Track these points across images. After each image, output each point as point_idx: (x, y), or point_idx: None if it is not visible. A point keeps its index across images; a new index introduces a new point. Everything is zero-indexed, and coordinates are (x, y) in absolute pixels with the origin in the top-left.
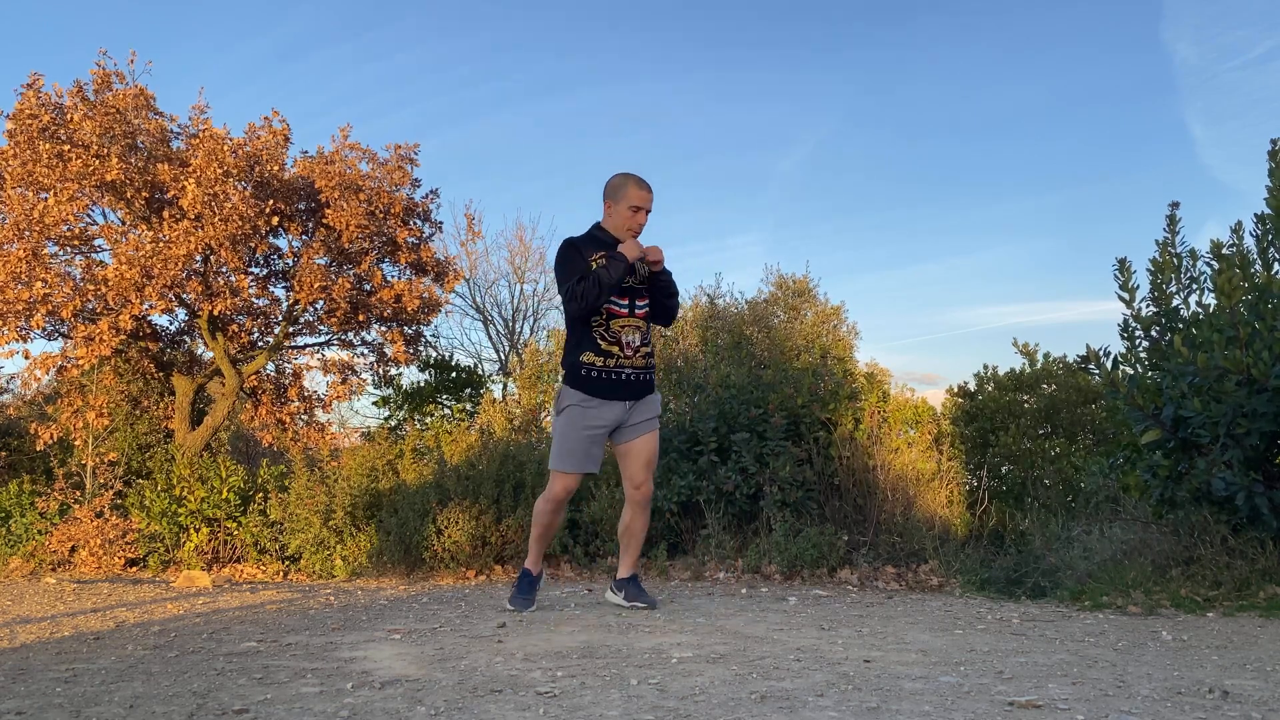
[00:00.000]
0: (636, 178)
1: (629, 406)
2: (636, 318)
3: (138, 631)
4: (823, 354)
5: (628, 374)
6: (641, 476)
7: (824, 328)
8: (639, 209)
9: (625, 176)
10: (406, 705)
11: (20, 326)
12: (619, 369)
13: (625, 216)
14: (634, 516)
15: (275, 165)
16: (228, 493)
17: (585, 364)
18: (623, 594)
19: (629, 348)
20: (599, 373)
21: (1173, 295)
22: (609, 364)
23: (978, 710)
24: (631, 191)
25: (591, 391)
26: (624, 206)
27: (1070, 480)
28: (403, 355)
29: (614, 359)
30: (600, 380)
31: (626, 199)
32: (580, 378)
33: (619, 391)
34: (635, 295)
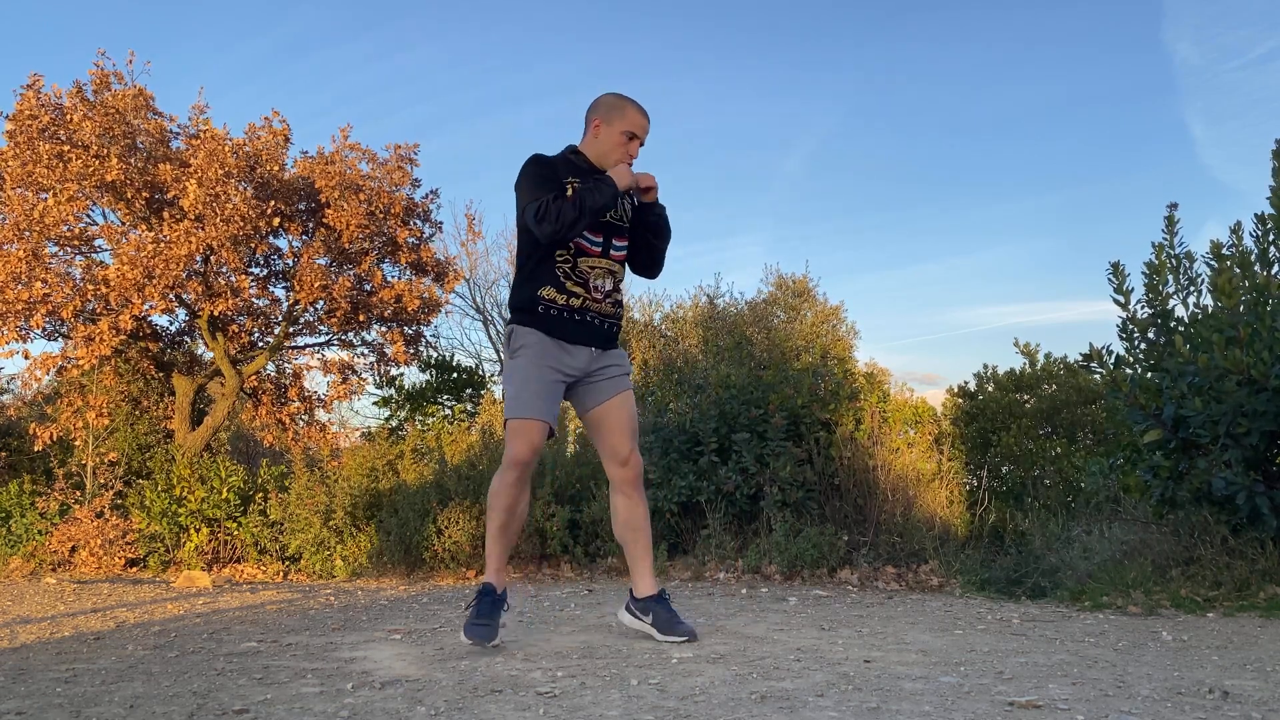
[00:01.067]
0: (636, 101)
1: (594, 354)
2: (611, 259)
3: (138, 632)
4: (823, 354)
5: (593, 318)
6: (627, 447)
7: (824, 328)
8: (635, 137)
9: (622, 97)
10: (407, 705)
11: (20, 327)
12: (585, 310)
13: (617, 142)
14: (630, 505)
15: (275, 165)
16: (228, 493)
17: (545, 299)
18: (650, 618)
19: (597, 291)
20: (561, 311)
21: (1168, 297)
22: (572, 303)
23: (978, 710)
24: (630, 114)
25: (552, 331)
26: (618, 130)
27: (1070, 480)
28: (403, 355)
29: (579, 299)
30: (563, 319)
31: (624, 121)
32: (538, 315)
33: (584, 335)
34: (613, 233)
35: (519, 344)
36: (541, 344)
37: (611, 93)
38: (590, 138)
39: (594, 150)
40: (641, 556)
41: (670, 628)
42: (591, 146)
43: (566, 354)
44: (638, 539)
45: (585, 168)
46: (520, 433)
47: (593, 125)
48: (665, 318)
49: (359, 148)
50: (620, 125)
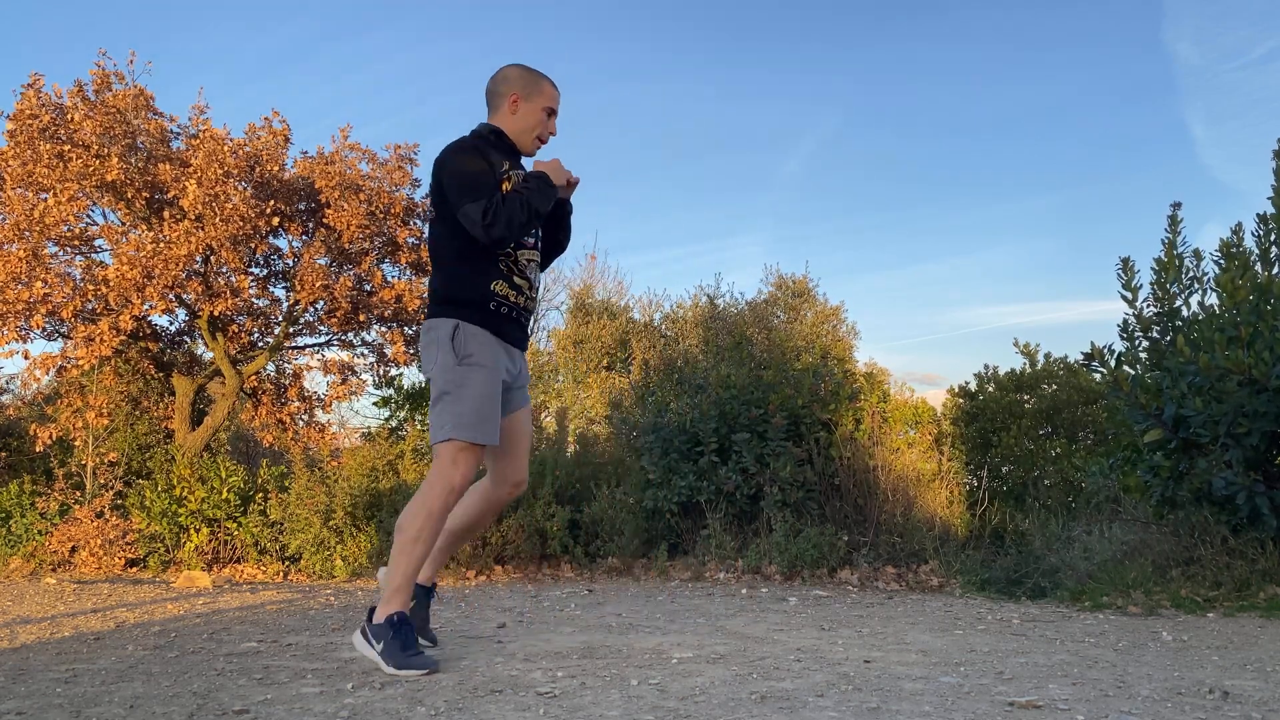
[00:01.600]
0: (545, 73)
1: (518, 357)
2: (536, 250)
3: (138, 632)
4: (823, 354)
5: (525, 317)
6: (524, 471)
7: (824, 328)
8: (554, 113)
9: (533, 70)
10: (406, 705)
11: (20, 327)
12: (525, 308)
13: (538, 120)
14: (487, 512)
15: (275, 165)
16: (228, 493)
17: (498, 295)
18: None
19: (532, 287)
20: (509, 309)
21: (1175, 295)
22: (519, 301)
23: (978, 710)
24: (547, 89)
25: (500, 332)
26: (538, 106)
27: (1071, 480)
28: (403, 355)
29: (522, 296)
30: (510, 319)
31: (542, 96)
32: (490, 312)
33: (519, 336)
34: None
35: (471, 349)
36: (494, 350)
37: (519, 65)
38: (507, 113)
39: (514, 127)
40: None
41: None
42: (510, 123)
43: (508, 359)
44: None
45: (511, 147)
46: (467, 458)
47: (509, 100)
48: (665, 318)
49: (359, 148)
50: (540, 101)
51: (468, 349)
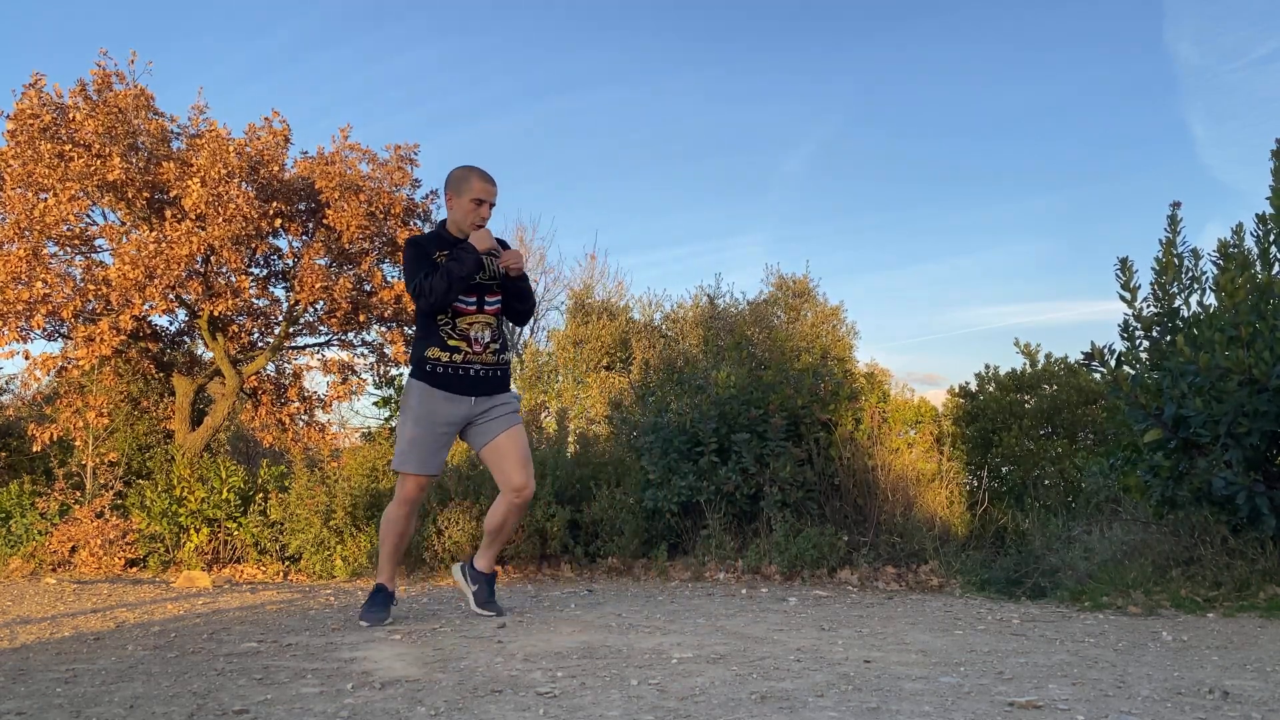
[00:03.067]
0: (479, 170)
1: (474, 402)
2: (487, 314)
3: (138, 632)
4: (823, 354)
5: (476, 369)
6: (521, 478)
7: (824, 328)
8: (482, 201)
9: (467, 169)
10: (407, 706)
11: (20, 327)
12: (466, 365)
13: (468, 210)
14: (508, 517)
15: (275, 166)
16: (228, 493)
17: (430, 359)
18: (476, 590)
19: (477, 344)
20: (445, 368)
21: (1174, 295)
22: (455, 359)
23: (978, 710)
24: (475, 184)
25: (438, 384)
26: (466, 200)
27: (1071, 480)
28: (403, 355)
29: (461, 354)
30: (447, 375)
31: (469, 191)
32: (425, 373)
33: (464, 386)
34: (485, 291)
35: (408, 399)
36: (427, 399)
37: (458, 167)
38: (449, 211)
39: (453, 219)
40: (492, 545)
41: (485, 602)
42: (451, 217)
43: (450, 404)
44: (500, 537)
45: (450, 239)
46: (407, 480)
47: (448, 200)
48: (665, 318)
49: (359, 148)
50: (467, 195)
51: (405, 400)
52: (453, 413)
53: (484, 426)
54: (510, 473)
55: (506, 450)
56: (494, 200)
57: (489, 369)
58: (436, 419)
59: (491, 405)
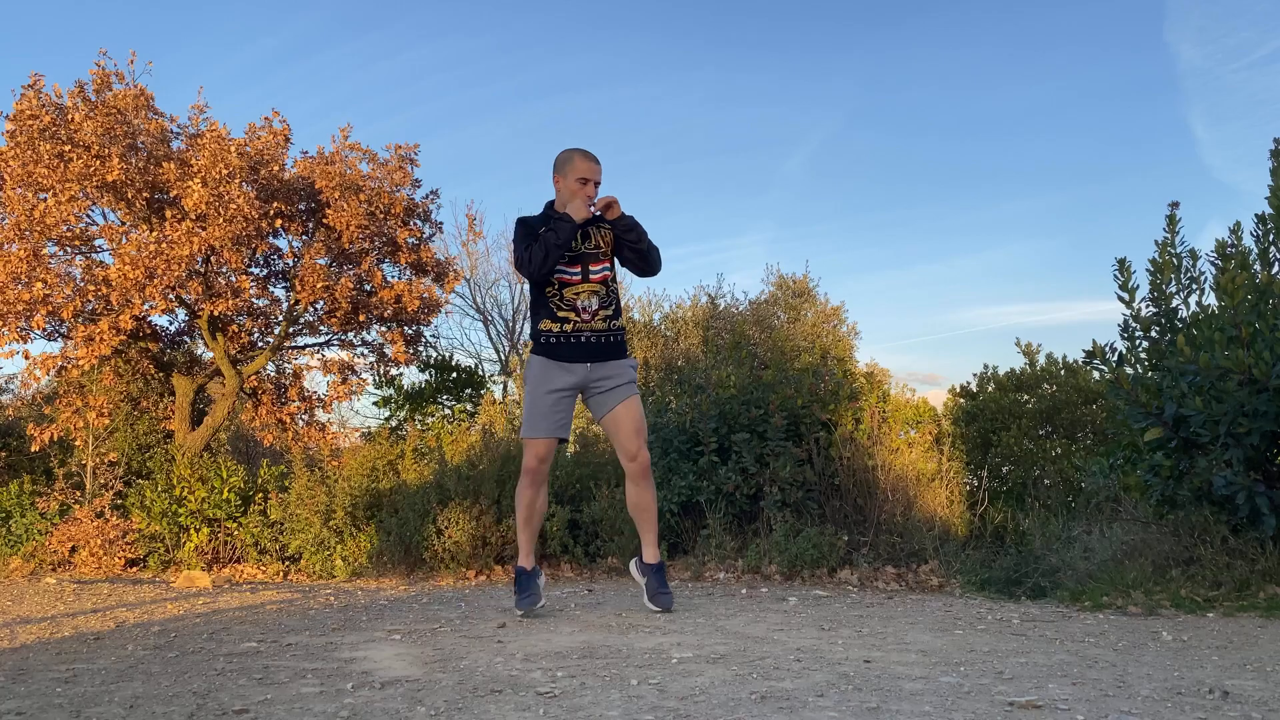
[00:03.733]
0: (582, 150)
1: (590, 368)
2: (592, 282)
3: (138, 632)
4: (823, 354)
5: (586, 336)
6: (634, 445)
7: (824, 328)
8: (586, 180)
9: (571, 150)
10: (407, 705)
11: (20, 327)
12: (577, 333)
13: (574, 189)
14: (639, 491)
15: (275, 165)
16: (228, 493)
17: (543, 331)
18: (646, 582)
19: (585, 312)
20: (556, 338)
21: (1172, 295)
22: (565, 329)
23: (978, 710)
24: (578, 163)
25: (551, 355)
26: (571, 180)
27: (1071, 480)
28: (403, 355)
29: (571, 324)
30: (559, 344)
31: (573, 171)
32: (540, 344)
33: (578, 354)
34: (589, 260)
35: (527, 371)
36: (543, 369)
37: (563, 149)
38: (556, 192)
39: (559, 202)
40: (648, 529)
41: (656, 593)
42: (558, 199)
43: (566, 372)
44: (645, 517)
45: (557, 216)
46: (528, 448)
47: (555, 182)
48: (665, 318)
49: (359, 148)
50: (572, 175)
51: (527, 372)
52: (567, 379)
53: (601, 397)
54: (625, 442)
55: (623, 419)
56: (599, 179)
57: (600, 335)
58: (551, 385)
59: (608, 374)
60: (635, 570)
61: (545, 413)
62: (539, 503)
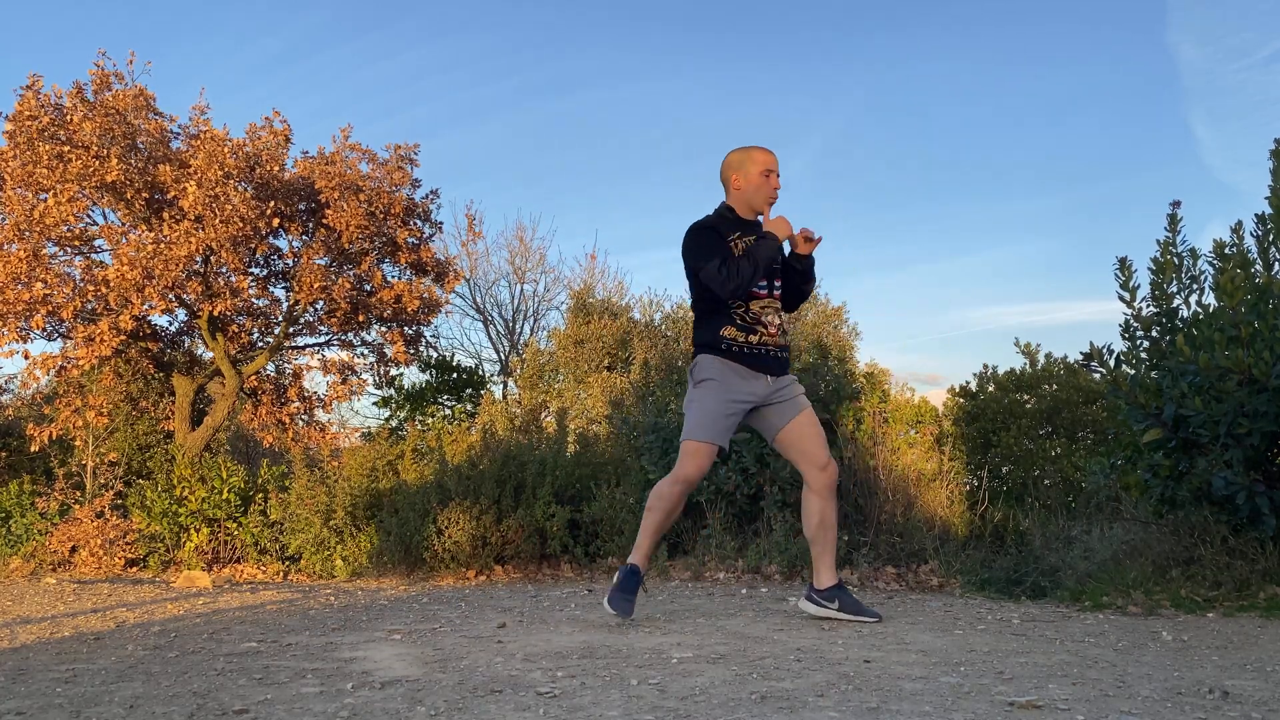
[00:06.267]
0: (756, 145)
1: (770, 382)
2: (775, 298)
3: (138, 632)
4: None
5: (770, 350)
6: (825, 455)
7: (825, 328)
8: (770, 171)
9: (743, 148)
10: (407, 705)
11: (20, 327)
12: (763, 345)
13: (760, 183)
14: (825, 506)
15: (275, 165)
16: (228, 493)
17: (728, 338)
18: (836, 605)
19: (771, 327)
20: (743, 347)
21: (1173, 295)
22: (752, 340)
23: (978, 710)
24: (757, 156)
25: (738, 360)
26: (755, 173)
27: (1071, 480)
28: (403, 355)
29: (757, 335)
30: (743, 354)
31: (755, 164)
32: (722, 350)
33: (761, 365)
34: (773, 275)
35: (703, 375)
36: (724, 375)
37: (734, 149)
38: (734, 192)
39: (741, 200)
40: (825, 553)
41: (853, 609)
42: (738, 198)
43: (746, 383)
44: (828, 535)
45: (738, 219)
46: (694, 454)
47: (732, 182)
48: (665, 318)
49: (359, 148)
50: (755, 169)
51: (700, 375)
52: (750, 389)
53: (780, 409)
54: (815, 451)
55: (807, 431)
56: (778, 169)
57: (780, 350)
58: (733, 392)
59: (783, 387)
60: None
61: (724, 419)
62: (678, 512)
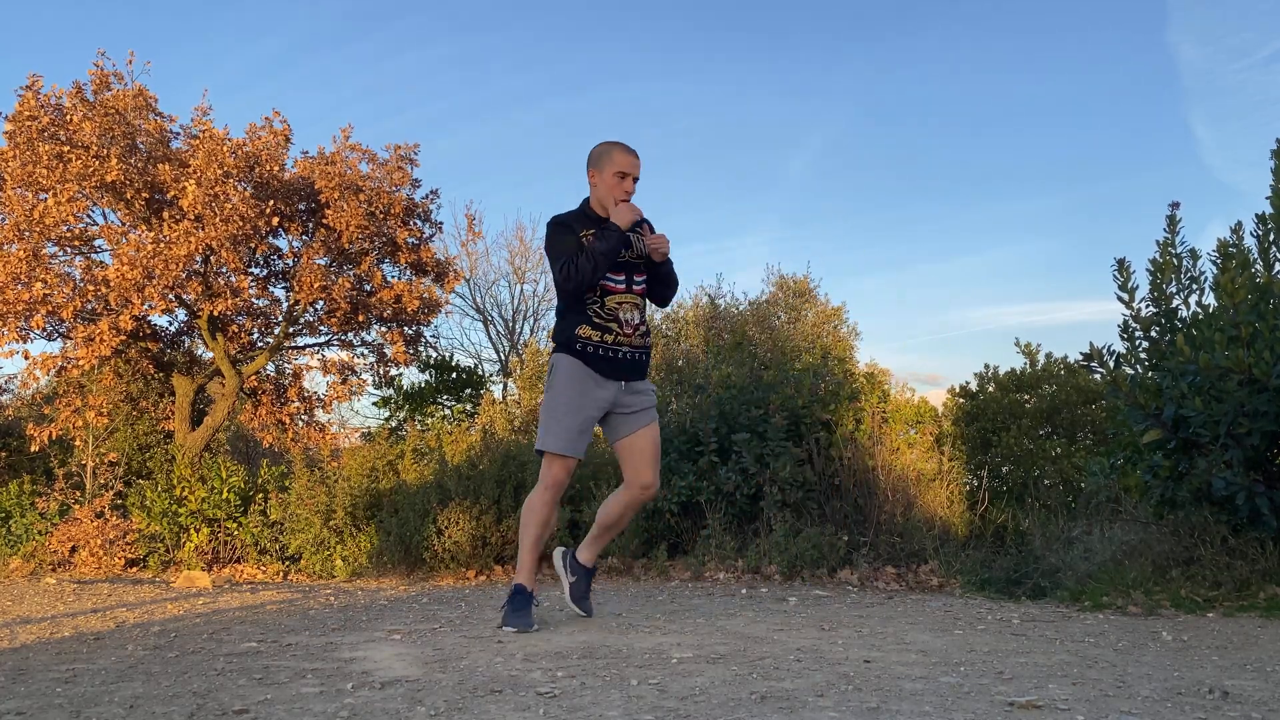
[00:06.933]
0: (620, 143)
1: (623, 387)
2: (634, 294)
3: (138, 632)
4: (823, 354)
5: (625, 353)
6: (651, 475)
7: (825, 328)
8: (625, 175)
9: (608, 143)
10: (406, 705)
11: (20, 327)
12: (616, 346)
13: (612, 185)
14: (626, 511)
15: (275, 165)
16: (228, 493)
17: (581, 338)
18: (574, 580)
19: (627, 325)
20: (596, 347)
21: (1172, 295)
22: (605, 339)
23: (978, 710)
24: (616, 156)
25: (589, 364)
26: (609, 174)
27: (1071, 480)
28: (403, 356)
29: (611, 334)
30: (598, 356)
31: (612, 164)
32: (576, 350)
33: (616, 370)
34: (633, 270)
35: (556, 376)
36: (579, 377)
37: (600, 143)
38: (591, 186)
39: (596, 196)
40: (601, 539)
41: (580, 597)
42: (595, 194)
43: (599, 387)
44: (609, 533)
45: (595, 216)
46: (556, 463)
47: (590, 177)
48: (665, 317)
49: (359, 148)
50: (610, 169)
51: (555, 378)
52: (601, 396)
53: (626, 418)
54: (643, 469)
55: (643, 447)
56: (637, 174)
57: (636, 351)
58: (586, 399)
59: (635, 395)
60: (562, 563)
61: (580, 427)
62: (553, 521)
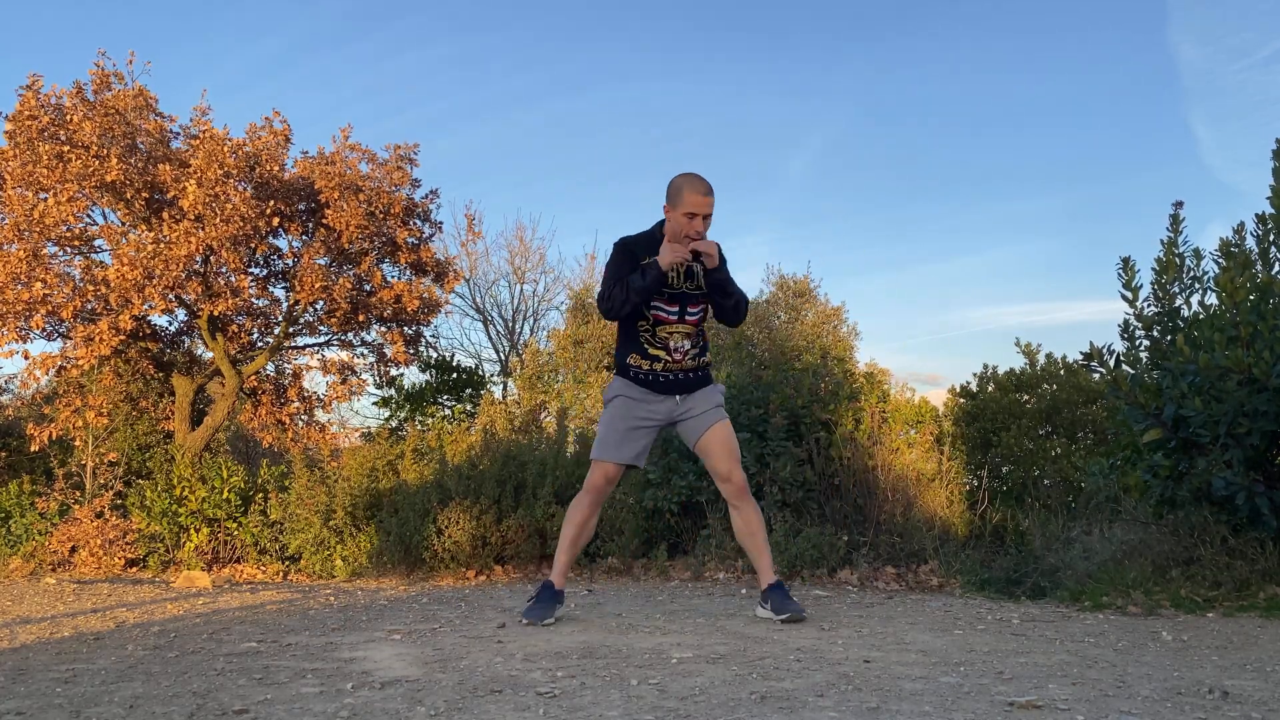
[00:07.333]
0: (695, 179)
1: (679, 400)
2: (687, 324)
3: (138, 632)
4: (823, 354)
5: (676, 375)
6: (727, 467)
7: (824, 328)
8: (694, 215)
9: (685, 178)
10: (406, 705)
11: (20, 327)
12: (667, 372)
13: (681, 223)
14: (738, 514)
15: (275, 165)
16: (228, 493)
17: (632, 365)
18: (769, 605)
19: (677, 352)
20: (645, 375)
21: (1175, 295)
22: (655, 367)
23: (978, 710)
24: (687, 196)
25: (638, 383)
26: (680, 213)
27: (1071, 480)
28: (403, 356)
29: (660, 363)
30: (647, 380)
31: (683, 204)
32: (630, 376)
33: (667, 388)
34: (687, 301)
35: (609, 395)
36: (626, 391)
37: (679, 175)
38: (667, 220)
39: (668, 229)
40: (759, 553)
41: (782, 608)
42: (668, 226)
43: (650, 405)
44: (753, 540)
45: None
46: (595, 468)
47: (666, 209)
48: None
49: (359, 148)
50: (681, 208)
51: (609, 395)
52: (653, 409)
53: (690, 424)
54: (717, 464)
55: (712, 445)
56: (708, 212)
57: (689, 372)
58: (632, 411)
59: (695, 403)
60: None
61: (622, 438)
62: (592, 523)
